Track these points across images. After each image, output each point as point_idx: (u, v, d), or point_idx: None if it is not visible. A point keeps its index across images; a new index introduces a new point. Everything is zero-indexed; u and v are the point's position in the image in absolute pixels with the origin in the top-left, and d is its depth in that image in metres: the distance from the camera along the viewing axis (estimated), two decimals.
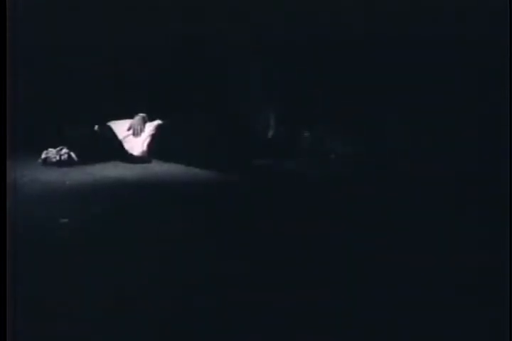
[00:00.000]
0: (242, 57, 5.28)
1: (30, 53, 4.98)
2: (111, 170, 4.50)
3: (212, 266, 2.62)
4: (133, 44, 5.25)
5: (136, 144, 4.91)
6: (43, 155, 4.66)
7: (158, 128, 4.97)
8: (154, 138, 4.91)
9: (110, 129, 4.98)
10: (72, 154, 4.69)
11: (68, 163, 4.64)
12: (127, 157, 4.84)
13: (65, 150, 4.67)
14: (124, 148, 4.91)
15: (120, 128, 4.97)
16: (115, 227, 3.16)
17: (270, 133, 5.04)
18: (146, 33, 5.16)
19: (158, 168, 4.65)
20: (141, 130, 4.93)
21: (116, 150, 4.88)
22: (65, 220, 3.24)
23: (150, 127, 4.98)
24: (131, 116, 5.01)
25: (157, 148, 4.87)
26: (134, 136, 4.92)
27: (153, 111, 4.99)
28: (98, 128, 4.96)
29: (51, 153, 4.65)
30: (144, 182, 4.18)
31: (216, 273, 2.54)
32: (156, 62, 5.36)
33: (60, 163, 4.61)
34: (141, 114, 4.99)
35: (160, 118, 5.02)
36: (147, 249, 2.83)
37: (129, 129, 4.95)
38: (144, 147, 4.91)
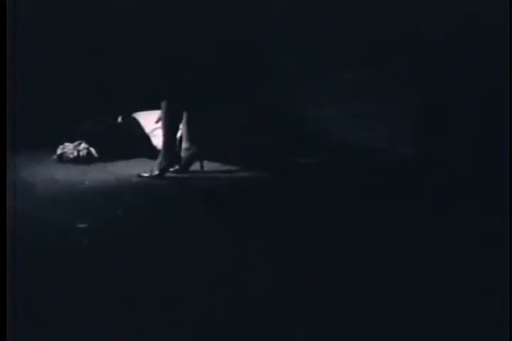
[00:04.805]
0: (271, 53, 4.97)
1: (39, 49, 4.87)
2: (136, 169, 4.25)
3: (238, 263, 2.70)
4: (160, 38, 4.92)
5: None
6: (59, 151, 4.48)
7: None
8: None
9: (136, 121, 4.69)
10: (92, 150, 4.50)
11: (87, 160, 4.46)
12: (155, 153, 4.39)
13: (83, 146, 4.49)
14: (152, 144, 4.55)
15: (147, 120, 4.64)
16: (138, 233, 3.09)
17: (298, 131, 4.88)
18: (165, 28, 4.80)
19: None
20: None
21: (142, 145, 4.57)
22: (83, 225, 3.12)
23: None
24: (158, 107, 4.48)
25: None
26: None
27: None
28: (122, 120, 4.74)
29: (68, 148, 4.47)
30: (173, 182, 4.09)
31: (239, 269, 2.63)
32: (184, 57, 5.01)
33: (77, 160, 4.44)
34: None
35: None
36: (173, 254, 2.81)
37: (157, 122, 4.47)
38: None
